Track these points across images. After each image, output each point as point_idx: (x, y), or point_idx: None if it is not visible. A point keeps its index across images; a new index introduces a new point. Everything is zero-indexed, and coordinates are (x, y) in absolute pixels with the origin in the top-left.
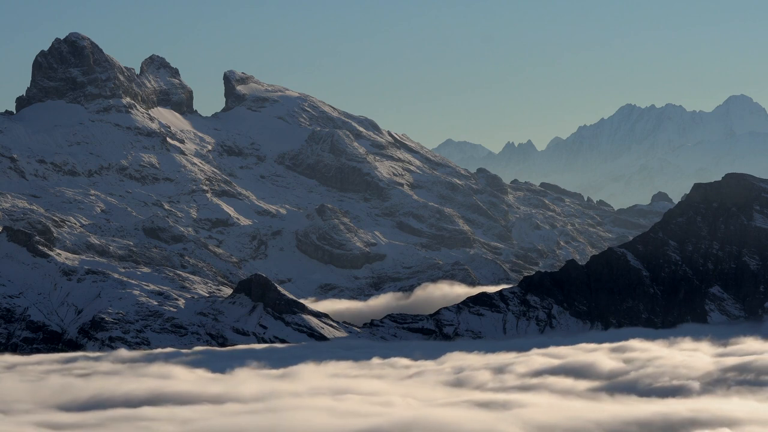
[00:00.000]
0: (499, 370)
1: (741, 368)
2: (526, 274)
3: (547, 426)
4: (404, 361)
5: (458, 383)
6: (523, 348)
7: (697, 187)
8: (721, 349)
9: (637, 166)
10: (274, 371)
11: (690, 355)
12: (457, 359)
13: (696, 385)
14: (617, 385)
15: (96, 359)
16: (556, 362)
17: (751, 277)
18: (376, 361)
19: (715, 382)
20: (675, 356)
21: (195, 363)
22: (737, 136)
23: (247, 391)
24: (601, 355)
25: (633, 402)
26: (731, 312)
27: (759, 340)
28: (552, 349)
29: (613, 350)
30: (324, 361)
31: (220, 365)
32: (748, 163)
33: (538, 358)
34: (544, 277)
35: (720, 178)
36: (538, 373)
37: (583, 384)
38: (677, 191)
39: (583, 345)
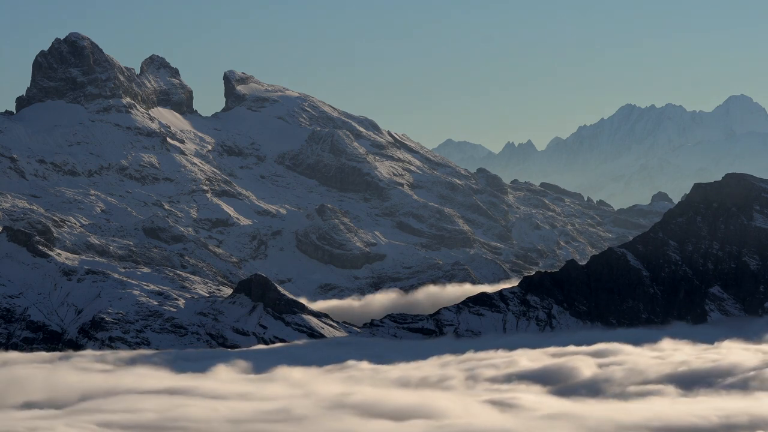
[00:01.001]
0: (472, 375)
1: (705, 372)
2: (526, 274)
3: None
4: (365, 365)
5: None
6: (509, 347)
7: (697, 187)
8: (699, 351)
9: (637, 166)
10: (254, 375)
11: (663, 358)
12: (435, 362)
13: (668, 389)
14: (576, 389)
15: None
16: (532, 366)
17: (751, 277)
18: (350, 363)
19: (691, 385)
20: (647, 360)
21: (170, 365)
22: (737, 136)
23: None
24: (579, 359)
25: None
26: (731, 312)
27: (739, 341)
28: (530, 351)
29: (594, 354)
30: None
31: (197, 366)
32: (748, 163)
33: (510, 361)
34: (544, 277)
35: (720, 178)
36: (509, 378)
37: (548, 389)
38: (677, 191)
39: (571, 347)
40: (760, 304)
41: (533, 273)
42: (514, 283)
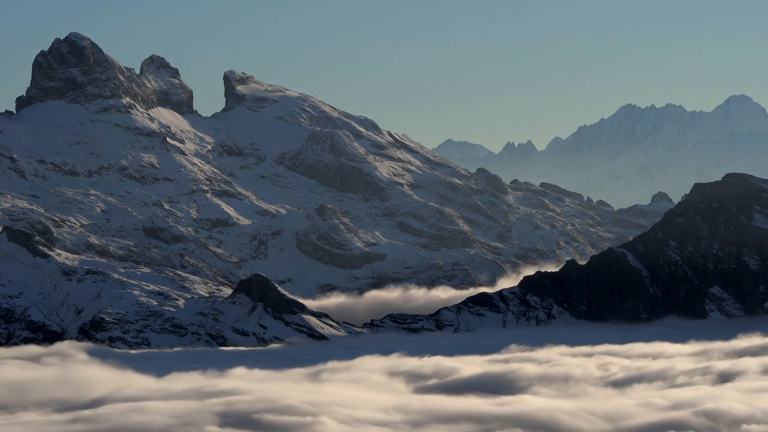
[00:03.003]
0: (413, 377)
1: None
2: (526, 274)
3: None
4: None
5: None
6: (479, 350)
7: (697, 187)
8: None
9: (637, 166)
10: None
11: (590, 362)
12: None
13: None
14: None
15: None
16: (475, 371)
17: (751, 277)
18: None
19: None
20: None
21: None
22: (737, 136)
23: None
24: (521, 365)
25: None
26: (731, 312)
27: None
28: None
29: (538, 359)
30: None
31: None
32: (748, 163)
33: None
34: (544, 277)
35: (720, 178)
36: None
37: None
38: (677, 191)
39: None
40: (760, 304)
41: (533, 273)
42: (514, 283)
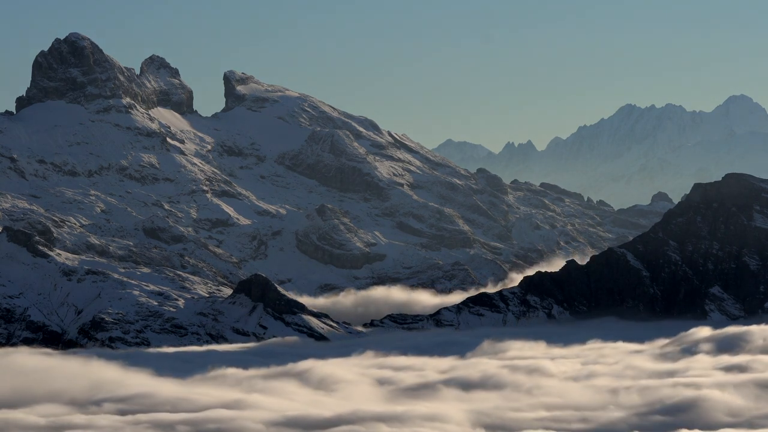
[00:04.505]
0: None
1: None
2: (526, 274)
3: None
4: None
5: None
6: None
7: (697, 187)
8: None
9: (637, 166)
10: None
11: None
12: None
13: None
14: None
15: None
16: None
17: (751, 277)
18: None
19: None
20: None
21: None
22: (737, 136)
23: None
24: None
25: None
26: (731, 312)
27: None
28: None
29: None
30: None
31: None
32: (748, 163)
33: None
34: (544, 277)
35: (720, 178)
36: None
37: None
38: (677, 191)
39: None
40: (760, 304)
41: (533, 273)
42: (514, 283)
